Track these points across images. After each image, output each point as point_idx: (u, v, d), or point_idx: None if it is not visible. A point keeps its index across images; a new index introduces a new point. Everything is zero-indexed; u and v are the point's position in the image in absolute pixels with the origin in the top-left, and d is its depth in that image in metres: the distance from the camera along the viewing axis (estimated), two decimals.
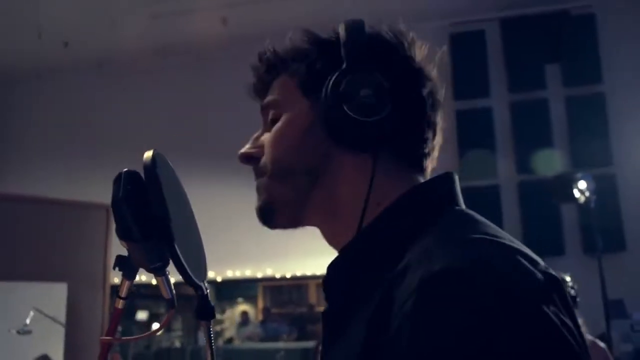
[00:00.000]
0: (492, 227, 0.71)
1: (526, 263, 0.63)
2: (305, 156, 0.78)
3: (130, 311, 10.01)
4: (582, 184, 4.42)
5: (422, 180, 0.80)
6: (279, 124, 0.81)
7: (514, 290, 0.59)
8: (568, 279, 2.87)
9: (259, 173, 0.83)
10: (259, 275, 8.20)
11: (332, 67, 0.76)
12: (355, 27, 0.77)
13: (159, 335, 10.52)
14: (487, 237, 0.66)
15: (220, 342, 10.66)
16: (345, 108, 0.73)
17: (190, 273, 0.79)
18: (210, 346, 0.82)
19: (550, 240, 6.49)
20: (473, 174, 6.43)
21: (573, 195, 4.49)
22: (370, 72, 0.74)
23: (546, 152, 7.00)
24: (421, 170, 0.81)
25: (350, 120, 0.73)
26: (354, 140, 0.74)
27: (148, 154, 0.78)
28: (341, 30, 0.78)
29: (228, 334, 11.00)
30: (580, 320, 2.76)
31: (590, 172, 6.12)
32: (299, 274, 8.15)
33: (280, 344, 9.82)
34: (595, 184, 4.61)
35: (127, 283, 0.89)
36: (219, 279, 8.32)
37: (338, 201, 0.78)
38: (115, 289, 0.88)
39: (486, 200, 6.44)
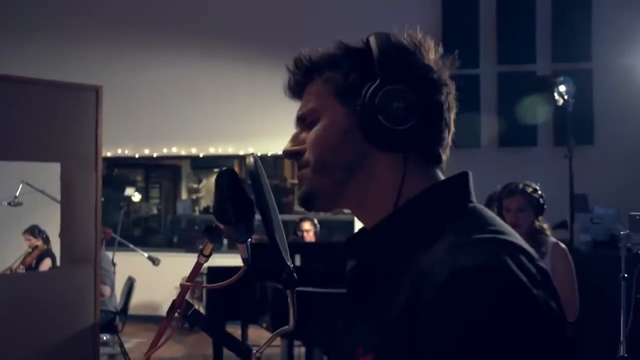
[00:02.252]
0: (499, 224, 0.88)
1: (525, 260, 0.81)
2: (343, 155, 0.94)
3: (121, 188, 10.23)
4: (562, 88, 4.58)
5: (440, 172, 0.97)
6: (319, 127, 0.96)
7: (521, 286, 0.77)
8: (537, 187, 3.10)
9: (302, 165, 0.98)
10: (241, 152, 8.36)
11: (365, 78, 0.91)
12: (384, 42, 0.92)
13: (138, 204, 10.79)
14: (501, 236, 0.83)
15: (197, 211, 11.01)
16: (380, 118, 0.89)
17: (284, 256, 0.98)
18: (294, 310, 1.01)
19: (524, 130, 6.73)
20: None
21: (553, 97, 4.67)
22: (400, 85, 0.90)
23: (528, 43, 7.09)
24: (439, 163, 0.97)
25: (385, 128, 0.89)
26: (387, 144, 0.91)
27: (250, 160, 0.97)
28: (372, 44, 0.93)
29: (204, 203, 11.32)
30: (545, 225, 3.01)
31: (568, 68, 6.29)
32: (278, 152, 8.32)
33: (256, 215, 10.18)
34: (574, 84, 4.76)
35: (211, 246, 1.12)
36: (200, 155, 8.46)
37: (370, 192, 0.95)
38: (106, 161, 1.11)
39: (466, 88, 6.56)
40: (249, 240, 1.07)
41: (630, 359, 2.66)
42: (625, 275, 2.66)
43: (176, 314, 1.30)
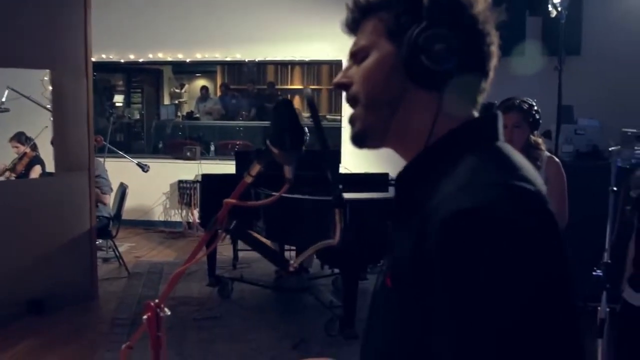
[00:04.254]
0: (516, 166, 0.91)
1: (531, 206, 0.83)
2: (389, 89, 1.00)
3: (109, 97, 10.10)
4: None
5: (475, 113, 1.02)
6: (368, 62, 1.02)
7: (518, 231, 0.79)
8: (534, 103, 3.16)
9: (353, 103, 1.04)
10: (229, 58, 8.25)
11: (414, 20, 0.97)
12: None
13: (120, 109, 10.70)
14: (511, 181, 0.86)
15: (181, 117, 10.96)
16: (421, 57, 0.95)
17: (332, 180, 1.07)
18: (341, 227, 1.10)
19: (514, 41, 6.72)
20: None
21: (547, 9, 4.67)
22: (444, 30, 0.95)
23: None
24: (475, 106, 1.03)
25: (423, 66, 0.95)
26: (424, 81, 0.97)
27: (309, 91, 1.04)
28: None
29: (187, 108, 11.26)
30: (540, 140, 3.12)
31: None
32: (265, 58, 8.25)
33: (240, 122, 10.19)
34: None
35: (258, 167, 1.20)
36: (187, 60, 8.34)
37: (409, 130, 1.01)
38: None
39: None
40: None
41: (613, 265, 2.83)
42: (615, 188, 2.78)
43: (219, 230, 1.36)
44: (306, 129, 1.13)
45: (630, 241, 2.77)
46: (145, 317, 1.43)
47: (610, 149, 2.86)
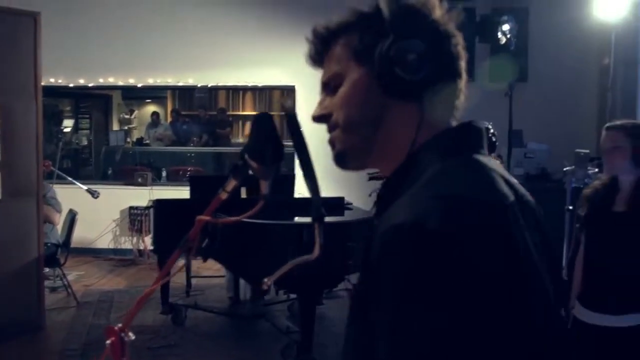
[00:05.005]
0: (481, 178, 0.90)
1: (470, 215, 0.81)
2: (369, 110, 0.99)
3: (57, 122, 9.87)
4: (505, 27, 4.72)
5: (453, 121, 1.02)
6: (343, 89, 1.01)
7: (449, 247, 0.78)
8: (490, 126, 3.21)
9: (332, 128, 1.04)
10: (181, 83, 8.18)
11: (379, 37, 0.97)
12: (393, 3, 0.98)
13: (67, 135, 10.47)
14: (467, 193, 0.85)
15: (130, 143, 10.78)
16: (396, 70, 0.95)
17: (318, 200, 1.06)
18: (320, 237, 1.09)
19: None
20: None
21: (497, 36, 4.80)
22: (411, 39, 0.95)
23: None
24: (454, 111, 1.02)
25: (400, 78, 0.95)
26: (403, 93, 0.97)
27: (290, 103, 1.02)
28: (382, 6, 0.98)
29: (137, 134, 11.09)
30: (497, 162, 3.18)
31: (506, 6, 6.42)
32: (218, 83, 8.23)
33: (191, 148, 10.09)
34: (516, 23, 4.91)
35: (234, 182, 1.17)
36: (139, 85, 8.24)
37: (393, 144, 1.00)
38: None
39: None
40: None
41: (568, 282, 2.89)
42: (570, 207, 2.85)
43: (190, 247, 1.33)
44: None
45: (577, 259, 2.84)
46: (108, 341, 1.38)
47: (564, 169, 2.93)
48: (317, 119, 1.05)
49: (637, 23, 5.46)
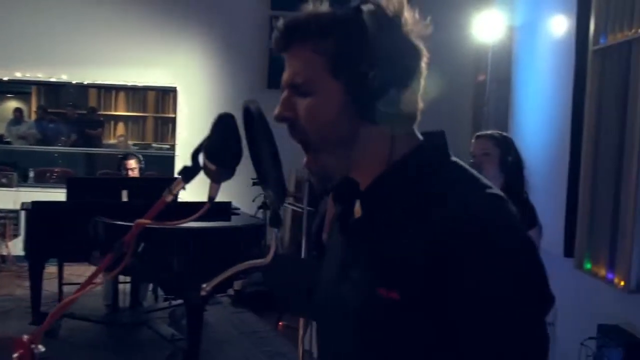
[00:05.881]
0: (480, 176, 1.00)
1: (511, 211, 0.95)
2: (340, 130, 0.98)
3: None
4: None
5: (416, 129, 1.04)
6: (316, 102, 0.98)
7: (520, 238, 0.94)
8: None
9: (306, 147, 1.02)
10: (53, 78, 7.72)
11: (356, 52, 0.95)
12: (373, 17, 0.96)
13: None
14: (495, 190, 0.96)
15: None
16: (377, 102, 0.95)
17: (278, 204, 1.03)
18: (275, 246, 1.07)
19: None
20: None
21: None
22: (391, 63, 0.95)
23: None
24: (415, 121, 1.04)
25: (378, 107, 0.96)
26: (379, 119, 0.97)
27: (257, 104, 0.99)
28: (367, 19, 0.95)
29: None
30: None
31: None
32: (92, 81, 7.86)
33: (59, 148, 9.53)
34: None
35: (181, 184, 1.11)
36: (5, 78, 7.70)
37: (367, 157, 1.01)
38: None
39: None
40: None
41: None
42: None
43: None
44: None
45: None
46: (16, 355, 1.27)
47: None
48: (281, 119, 1.02)
49: (511, 44, 5.85)
